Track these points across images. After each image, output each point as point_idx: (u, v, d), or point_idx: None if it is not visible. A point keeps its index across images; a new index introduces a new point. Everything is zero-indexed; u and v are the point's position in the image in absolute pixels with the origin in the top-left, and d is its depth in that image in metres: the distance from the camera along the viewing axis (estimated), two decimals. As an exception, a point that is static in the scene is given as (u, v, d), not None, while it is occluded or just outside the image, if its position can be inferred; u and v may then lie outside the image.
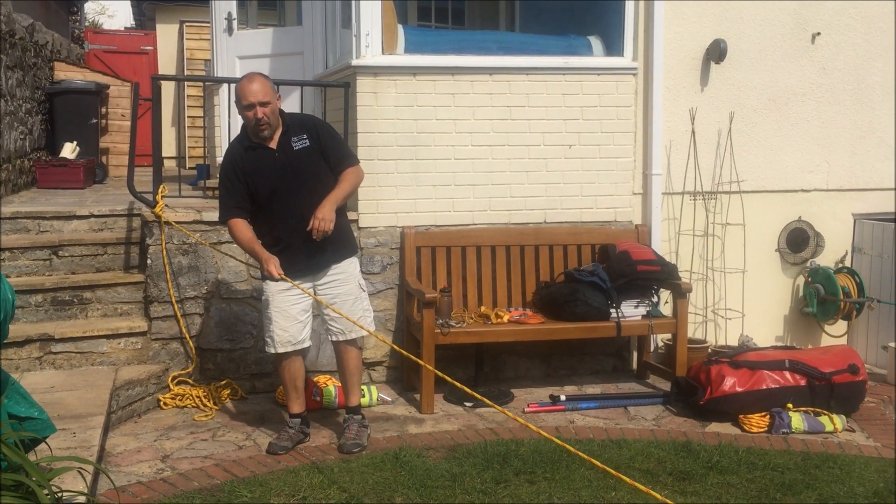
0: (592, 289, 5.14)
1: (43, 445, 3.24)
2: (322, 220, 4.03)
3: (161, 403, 4.87)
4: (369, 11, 5.31)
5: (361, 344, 4.50)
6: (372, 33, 5.32)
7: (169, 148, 10.66)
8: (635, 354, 5.78)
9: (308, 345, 4.36)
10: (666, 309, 5.55)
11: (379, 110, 5.33)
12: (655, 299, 5.35)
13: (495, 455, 4.08)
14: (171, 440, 4.38)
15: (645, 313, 5.24)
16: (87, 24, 16.72)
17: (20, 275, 5.17)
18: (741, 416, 4.71)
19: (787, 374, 4.80)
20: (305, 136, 4.18)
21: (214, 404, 4.88)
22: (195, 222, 5.11)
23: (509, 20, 7.49)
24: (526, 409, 4.92)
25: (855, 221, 6.28)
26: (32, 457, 3.10)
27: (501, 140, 5.53)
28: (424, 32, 6.32)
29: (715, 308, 6.02)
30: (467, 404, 4.95)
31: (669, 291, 5.44)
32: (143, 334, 5.01)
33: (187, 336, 5.08)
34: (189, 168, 9.90)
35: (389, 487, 3.75)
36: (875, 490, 3.83)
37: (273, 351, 4.26)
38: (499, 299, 5.46)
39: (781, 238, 6.12)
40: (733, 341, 5.94)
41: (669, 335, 5.42)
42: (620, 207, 5.77)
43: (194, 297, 5.12)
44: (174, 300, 5.05)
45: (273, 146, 4.18)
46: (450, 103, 5.44)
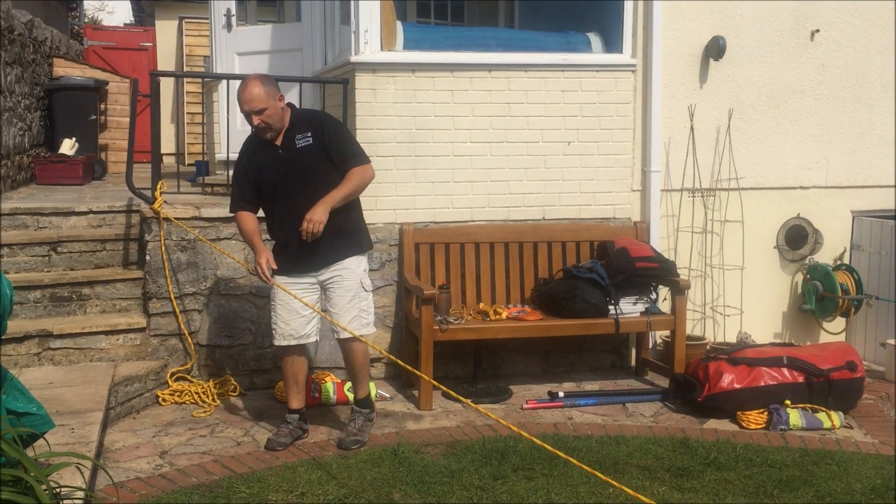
0: (591, 286, 5.15)
1: (41, 441, 3.25)
2: (311, 223, 3.98)
3: (160, 399, 4.88)
4: (368, 8, 5.31)
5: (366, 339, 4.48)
6: (371, 30, 5.32)
7: (168, 144, 10.67)
8: (634, 351, 5.78)
9: (314, 339, 4.35)
10: (664, 306, 5.56)
11: (378, 107, 5.33)
12: (654, 296, 5.36)
13: (493, 451, 4.09)
14: (170, 436, 4.38)
15: (643, 310, 5.25)
16: (87, 21, 16.68)
17: (19, 271, 5.17)
18: (739, 413, 4.72)
19: (786, 371, 4.81)
20: (309, 134, 4.15)
21: (213, 400, 4.88)
22: (194, 218, 5.11)
23: (509, 17, 7.48)
24: (524, 406, 4.93)
25: (853, 218, 6.29)
26: (31, 452, 3.10)
27: (500, 137, 5.53)
28: (423, 29, 6.31)
29: (713, 305, 6.03)
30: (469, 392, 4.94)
31: (668, 288, 5.45)
32: (142, 330, 5.02)
33: (186, 332, 5.08)
34: (188, 164, 9.88)
35: (388, 483, 3.75)
36: (872, 486, 3.84)
37: (275, 343, 4.29)
38: (497, 296, 5.46)
39: (780, 235, 6.12)
40: (732, 338, 5.94)
41: (668, 332, 5.43)
42: (619, 204, 5.77)
43: (193, 294, 5.12)
44: (173, 296, 5.05)
45: (279, 144, 4.18)
46: (448, 100, 5.44)
